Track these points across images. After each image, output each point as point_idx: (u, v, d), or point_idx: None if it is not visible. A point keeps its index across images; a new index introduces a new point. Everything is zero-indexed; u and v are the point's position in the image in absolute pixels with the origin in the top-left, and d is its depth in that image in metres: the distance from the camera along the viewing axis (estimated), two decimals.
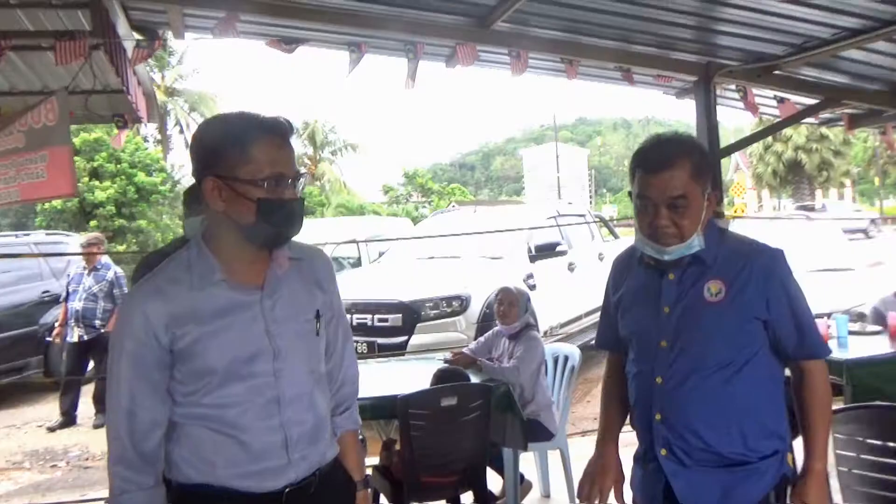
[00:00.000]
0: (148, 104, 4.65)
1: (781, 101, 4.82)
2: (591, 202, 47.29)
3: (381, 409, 3.19)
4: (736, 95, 5.22)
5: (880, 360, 3.93)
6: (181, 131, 30.57)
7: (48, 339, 7.41)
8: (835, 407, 2.44)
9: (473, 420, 3.11)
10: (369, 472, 3.35)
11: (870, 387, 3.68)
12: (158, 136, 27.68)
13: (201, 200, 2.58)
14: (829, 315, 4.37)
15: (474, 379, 3.42)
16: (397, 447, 3.32)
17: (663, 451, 1.71)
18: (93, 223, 20.63)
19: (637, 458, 1.85)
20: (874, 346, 4.14)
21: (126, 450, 1.43)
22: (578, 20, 3.90)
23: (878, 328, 4.51)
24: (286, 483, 1.48)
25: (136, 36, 3.79)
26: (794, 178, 32.89)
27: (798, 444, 1.80)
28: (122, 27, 3.64)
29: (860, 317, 4.89)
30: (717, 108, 4.69)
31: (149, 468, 1.45)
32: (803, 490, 1.70)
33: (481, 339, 4.11)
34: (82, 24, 3.54)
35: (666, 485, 1.71)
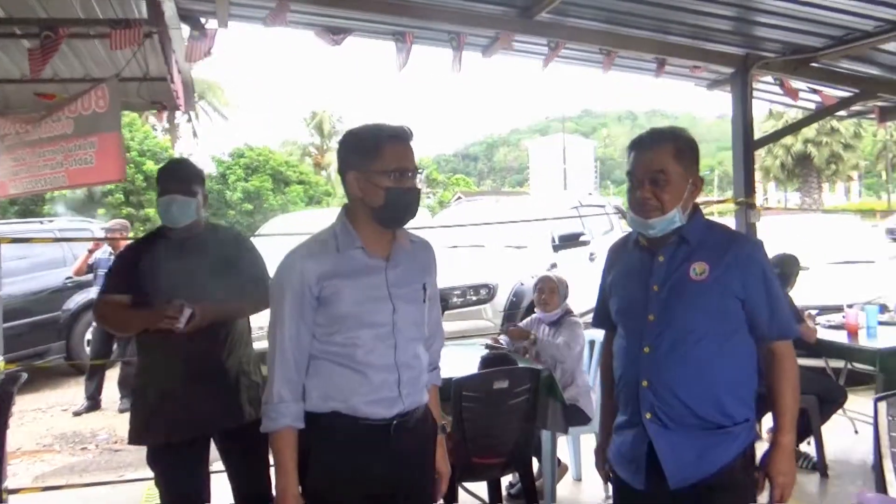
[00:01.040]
0: (186, 93, 4.69)
1: (815, 92, 4.85)
2: (596, 193, 47.13)
3: None
4: (766, 88, 5.26)
5: None
6: (189, 120, 30.52)
7: (67, 279, 7.73)
8: (886, 393, 2.52)
9: (521, 403, 3.17)
10: None
11: None
12: (167, 125, 27.60)
13: (194, 182, 2.55)
14: (850, 306, 4.45)
15: (520, 363, 3.49)
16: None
17: (648, 415, 1.87)
18: (101, 211, 20.67)
19: (618, 427, 2.01)
20: None
21: (288, 369, 1.80)
22: (618, 11, 3.93)
23: None
24: (396, 412, 1.86)
25: (182, 25, 3.83)
26: (801, 171, 32.77)
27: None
28: (169, 14, 3.68)
29: (884, 308, 4.97)
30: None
31: (298, 387, 1.82)
32: (773, 461, 1.88)
33: (521, 324, 4.18)
34: (133, 11, 3.59)
35: (649, 447, 1.86)
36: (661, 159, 1.86)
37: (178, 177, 2.54)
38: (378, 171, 1.80)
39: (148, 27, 3.33)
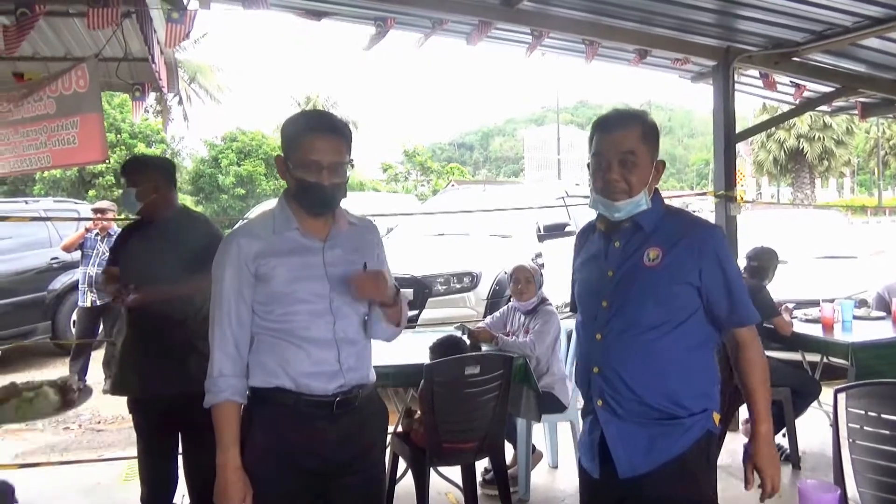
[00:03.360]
0: (169, 74, 4.65)
1: (797, 87, 4.86)
2: (584, 184, 46.89)
3: (405, 377, 3.30)
4: (749, 81, 5.27)
5: (883, 344, 4.05)
6: (180, 102, 30.21)
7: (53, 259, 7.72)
8: (845, 384, 2.55)
9: (494, 389, 3.20)
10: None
11: (872, 368, 3.81)
12: (158, 108, 27.40)
13: (138, 174, 2.87)
14: (832, 300, 4.48)
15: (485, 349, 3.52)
16: (417, 415, 3.43)
17: (599, 402, 1.87)
18: (91, 193, 20.56)
19: (582, 414, 2.03)
20: (878, 330, 4.27)
21: (228, 344, 1.85)
22: (601, 1, 3.93)
23: (882, 314, 4.63)
24: (337, 386, 1.88)
25: (165, 4, 3.79)
26: (794, 166, 32.83)
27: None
28: None
29: (863, 303, 5.02)
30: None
31: (240, 362, 1.87)
32: (757, 453, 1.85)
33: (497, 313, 4.20)
34: None
35: (601, 434, 1.86)
36: (630, 140, 1.82)
37: (122, 171, 2.92)
38: (294, 161, 1.85)
39: (126, 6, 3.31)
